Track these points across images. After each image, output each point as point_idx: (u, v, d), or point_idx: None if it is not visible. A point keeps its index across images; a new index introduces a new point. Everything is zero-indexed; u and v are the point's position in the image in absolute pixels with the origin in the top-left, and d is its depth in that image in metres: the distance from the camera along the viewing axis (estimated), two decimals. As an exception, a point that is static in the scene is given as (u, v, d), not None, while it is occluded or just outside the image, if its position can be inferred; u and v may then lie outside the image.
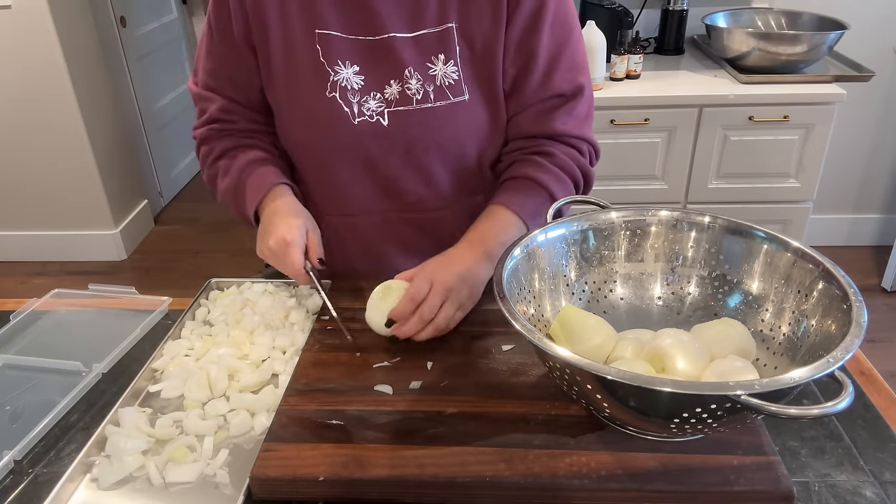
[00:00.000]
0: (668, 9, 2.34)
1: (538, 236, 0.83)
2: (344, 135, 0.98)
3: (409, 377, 0.85)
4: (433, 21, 0.94)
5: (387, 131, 0.97)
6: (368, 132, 0.98)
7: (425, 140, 0.98)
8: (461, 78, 0.96)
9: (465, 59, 0.96)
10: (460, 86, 0.96)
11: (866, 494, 0.72)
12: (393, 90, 0.96)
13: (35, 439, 0.82)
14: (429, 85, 0.95)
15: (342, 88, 0.96)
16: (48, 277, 3.01)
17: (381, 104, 0.96)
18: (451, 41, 0.95)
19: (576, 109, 1.01)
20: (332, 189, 1.06)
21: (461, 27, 0.95)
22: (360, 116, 0.97)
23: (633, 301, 0.88)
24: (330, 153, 1.01)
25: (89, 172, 2.91)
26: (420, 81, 0.95)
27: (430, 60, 0.95)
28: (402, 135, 0.98)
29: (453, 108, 0.97)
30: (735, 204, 2.20)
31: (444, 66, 0.95)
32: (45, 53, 2.66)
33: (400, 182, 1.03)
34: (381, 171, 1.02)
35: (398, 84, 0.95)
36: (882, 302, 2.63)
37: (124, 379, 0.92)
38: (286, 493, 0.72)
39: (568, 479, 0.69)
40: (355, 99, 0.96)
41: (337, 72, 0.95)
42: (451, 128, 0.98)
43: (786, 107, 2.05)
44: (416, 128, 0.97)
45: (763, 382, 0.58)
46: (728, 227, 0.84)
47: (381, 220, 1.07)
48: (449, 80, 0.95)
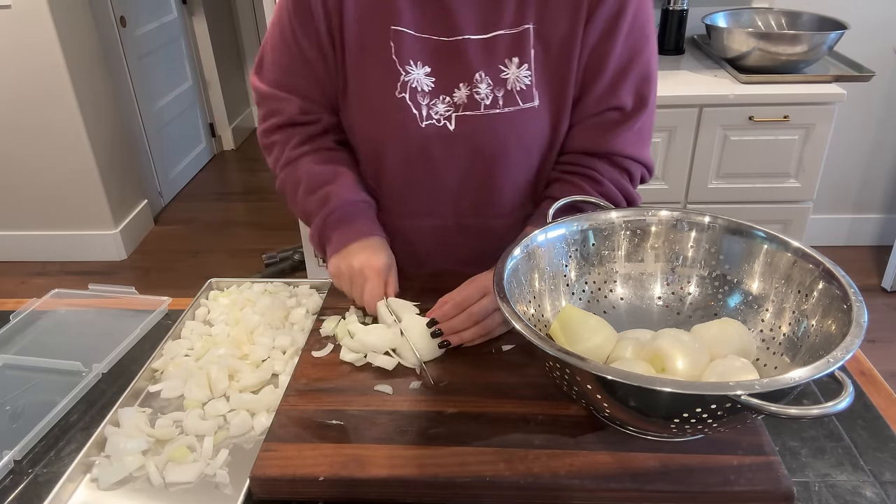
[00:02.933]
0: (668, 9, 2.34)
1: (538, 236, 0.83)
2: (409, 137, 0.96)
3: (410, 377, 0.85)
4: (509, 22, 0.91)
5: (452, 136, 0.95)
6: (434, 136, 0.95)
7: (491, 146, 0.96)
8: (533, 83, 0.93)
9: (539, 63, 0.93)
10: (531, 91, 0.93)
11: (866, 494, 0.72)
12: (461, 94, 0.93)
13: (35, 439, 0.82)
14: (498, 90, 0.93)
15: (412, 90, 0.93)
16: (48, 277, 3.01)
17: (450, 108, 0.94)
18: (526, 43, 0.92)
19: (637, 125, 0.97)
20: (389, 189, 1.04)
21: (539, 28, 0.91)
22: (428, 120, 0.94)
23: (634, 301, 0.88)
24: (393, 154, 0.99)
25: (89, 172, 2.91)
26: (490, 86, 0.92)
27: (502, 63, 0.92)
28: (467, 140, 0.95)
29: (523, 114, 0.94)
30: (735, 204, 2.20)
31: (518, 70, 0.91)
32: (45, 53, 2.66)
33: (461, 189, 1.01)
34: (442, 176, 0.99)
35: (467, 88, 0.93)
36: (882, 302, 2.63)
37: (124, 379, 0.92)
38: (286, 493, 0.72)
39: (568, 479, 0.69)
40: (424, 101, 0.94)
41: (408, 72, 0.93)
42: (517, 134, 0.95)
43: (786, 107, 2.05)
44: (482, 133, 0.95)
45: (763, 382, 0.58)
46: (728, 227, 0.84)
47: (434, 224, 1.05)
48: (521, 84, 0.93)
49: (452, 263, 1.07)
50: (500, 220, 1.04)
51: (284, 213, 3.16)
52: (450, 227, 1.05)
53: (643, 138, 1.00)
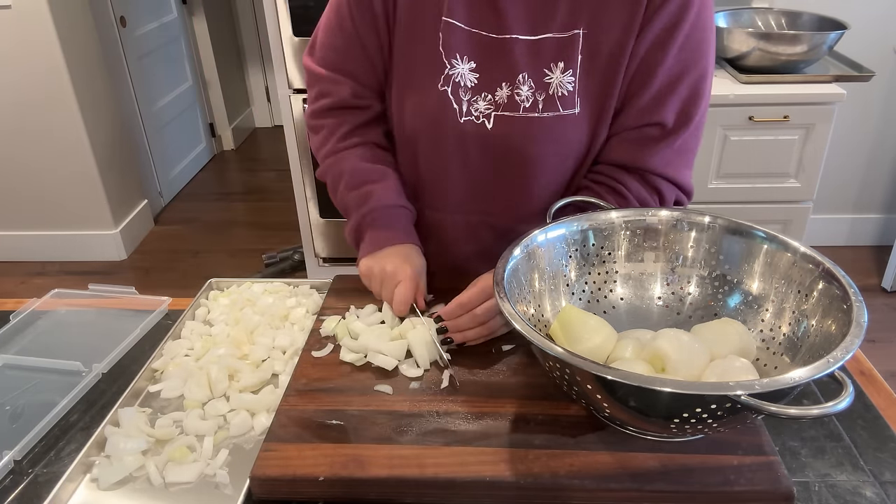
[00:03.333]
0: (668, 9, 2.34)
1: (538, 236, 0.83)
2: (447, 131, 0.95)
3: (409, 377, 0.85)
4: (560, 25, 0.90)
5: (489, 135, 0.95)
6: (471, 133, 0.95)
7: (526, 149, 0.95)
8: (576, 89, 0.92)
9: (585, 70, 0.91)
10: (573, 98, 0.92)
11: (866, 494, 0.72)
12: (503, 93, 0.92)
13: (35, 439, 0.82)
14: (540, 93, 0.92)
15: (455, 83, 0.93)
16: (48, 277, 3.01)
17: (490, 107, 0.93)
18: (574, 49, 0.90)
19: (677, 143, 0.95)
20: (423, 181, 1.04)
21: (589, 34, 0.89)
22: (467, 116, 0.94)
23: (634, 301, 0.88)
24: (430, 145, 0.99)
25: (89, 172, 2.91)
26: (532, 89, 0.91)
27: (547, 67, 0.91)
28: (503, 141, 0.95)
29: (561, 120, 0.93)
30: (735, 204, 2.20)
31: (562, 76, 0.90)
32: (45, 54, 2.66)
33: (492, 187, 1.00)
34: (475, 173, 0.99)
35: (509, 88, 0.92)
36: (882, 302, 2.63)
37: (124, 379, 0.92)
38: (286, 493, 0.72)
39: (568, 479, 0.69)
40: (466, 97, 0.93)
41: (453, 65, 0.93)
42: (554, 140, 0.94)
43: (786, 107, 2.05)
44: (519, 136, 0.94)
45: (763, 382, 0.58)
46: (728, 227, 0.84)
47: (464, 220, 1.04)
48: (563, 90, 0.91)
49: (481, 261, 1.05)
50: (529, 223, 1.01)
51: (284, 213, 3.16)
52: (479, 224, 1.04)
53: (682, 158, 0.97)
